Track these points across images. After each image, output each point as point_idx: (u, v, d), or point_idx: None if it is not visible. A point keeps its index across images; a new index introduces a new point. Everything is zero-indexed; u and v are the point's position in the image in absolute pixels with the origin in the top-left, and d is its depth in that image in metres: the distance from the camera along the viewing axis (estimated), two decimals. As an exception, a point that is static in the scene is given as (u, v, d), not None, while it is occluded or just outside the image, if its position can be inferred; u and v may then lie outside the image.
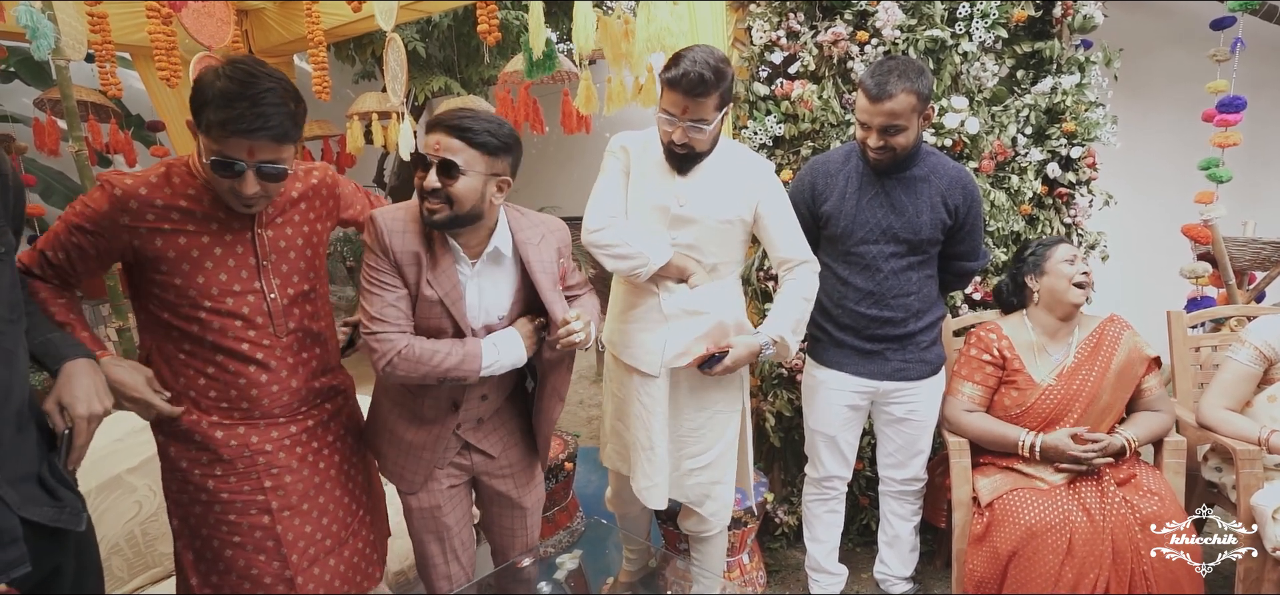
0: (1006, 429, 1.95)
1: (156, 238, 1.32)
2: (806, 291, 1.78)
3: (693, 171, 1.75)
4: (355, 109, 4.02)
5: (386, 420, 1.60)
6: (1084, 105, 2.39)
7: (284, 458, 1.45)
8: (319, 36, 2.89)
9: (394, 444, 1.59)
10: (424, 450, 1.58)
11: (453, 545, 1.67)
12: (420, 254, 1.43)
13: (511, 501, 1.71)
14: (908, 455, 2.05)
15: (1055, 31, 2.42)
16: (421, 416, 1.56)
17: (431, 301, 1.44)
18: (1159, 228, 3.19)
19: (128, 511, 1.86)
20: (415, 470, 1.59)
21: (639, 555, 2.29)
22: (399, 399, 1.57)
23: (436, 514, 1.63)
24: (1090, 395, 1.91)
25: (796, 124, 2.44)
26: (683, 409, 1.86)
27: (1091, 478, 1.86)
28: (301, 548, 1.46)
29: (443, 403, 1.55)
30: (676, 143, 1.68)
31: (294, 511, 1.45)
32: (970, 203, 1.91)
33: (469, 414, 1.59)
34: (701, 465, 1.88)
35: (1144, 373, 1.94)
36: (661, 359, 1.78)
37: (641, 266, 1.74)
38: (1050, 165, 2.41)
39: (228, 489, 1.41)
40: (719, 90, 1.63)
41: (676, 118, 1.65)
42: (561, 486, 2.62)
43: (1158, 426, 1.93)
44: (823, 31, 2.41)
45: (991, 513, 1.88)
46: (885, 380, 1.96)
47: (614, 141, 1.83)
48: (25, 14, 2.18)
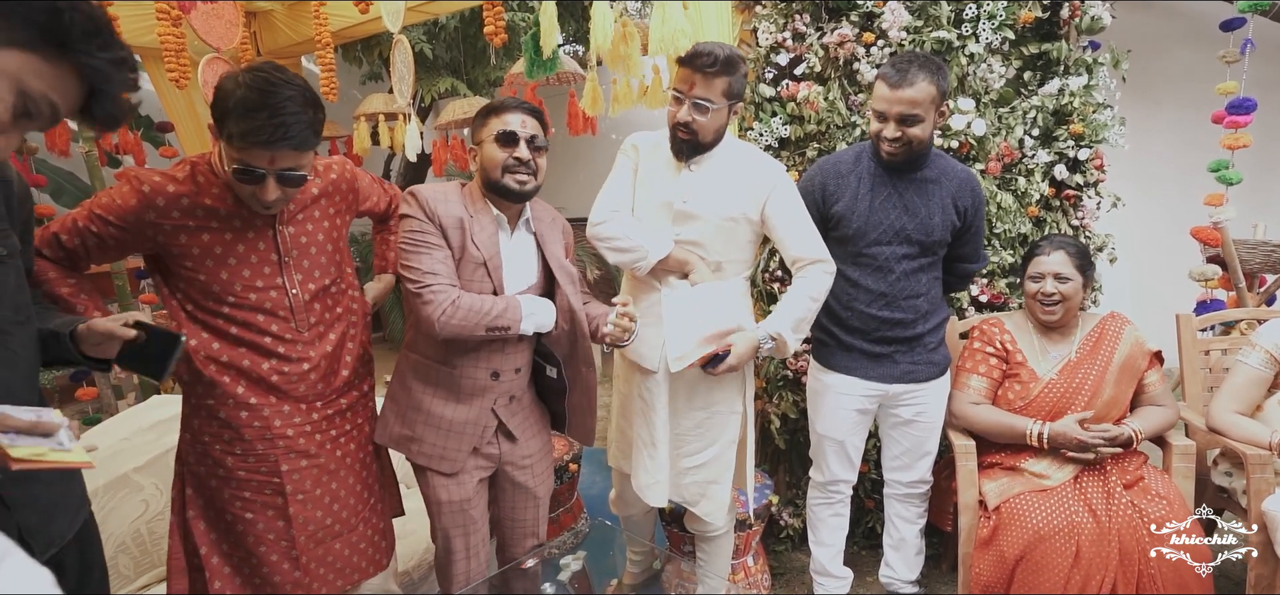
0: (1014, 419, 1.95)
1: (181, 234, 1.35)
2: (815, 291, 1.78)
3: (697, 167, 1.77)
4: (362, 110, 4.04)
5: (421, 402, 1.60)
6: (1092, 107, 2.38)
7: (303, 443, 1.49)
8: (326, 38, 2.91)
9: (432, 425, 1.60)
10: (466, 427, 1.60)
11: (474, 543, 1.68)
12: (464, 219, 1.53)
13: (529, 491, 1.73)
14: (914, 458, 2.04)
15: (1063, 33, 2.41)
16: (460, 391, 1.59)
17: (476, 262, 1.54)
18: (1168, 230, 3.18)
19: (134, 510, 1.87)
20: (458, 448, 1.61)
21: (643, 557, 2.29)
22: (436, 378, 1.59)
23: (466, 507, 1.64)
24: (1093, 389, 1.92)
25: (802, 125, 2.44)
26: (683, 407, 1.86)
27: (1098, 480, 1.85)
28: (310, 531, 1.50)
29: (482, 373, 1.59)
30: (681, 122, 1.71)
31: (307, 496, 1.49)
32: (977, 205, 1.92)
33: (504, 388, 1.62)
34: (697, 464, 1.88)
35: (1146, 367, 1.95)
36: (660, 354, 1.79)
37: (640, 259, 1.77)
38: (1057, 167, 2.39)
39: (245, 468, 1.45)
40: (728, 76, 1.67)
41: (684, 94, 1.69)
42: (566, 487, 2.62)
43: (1161, 420, 1.93)
44: (829, 33, 2.41)
45: (998, 516, 1.87)
46: (894, 383, 1.95)
47: (627, 140, 1.89)
48: (36, 16, 2.21)
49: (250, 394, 1.44)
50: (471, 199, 1.57)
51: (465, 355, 1.57)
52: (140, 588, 1.87)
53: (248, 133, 1.23)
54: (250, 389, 1.44)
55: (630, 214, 1.84)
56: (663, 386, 1.82)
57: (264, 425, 1.45)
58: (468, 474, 1.63)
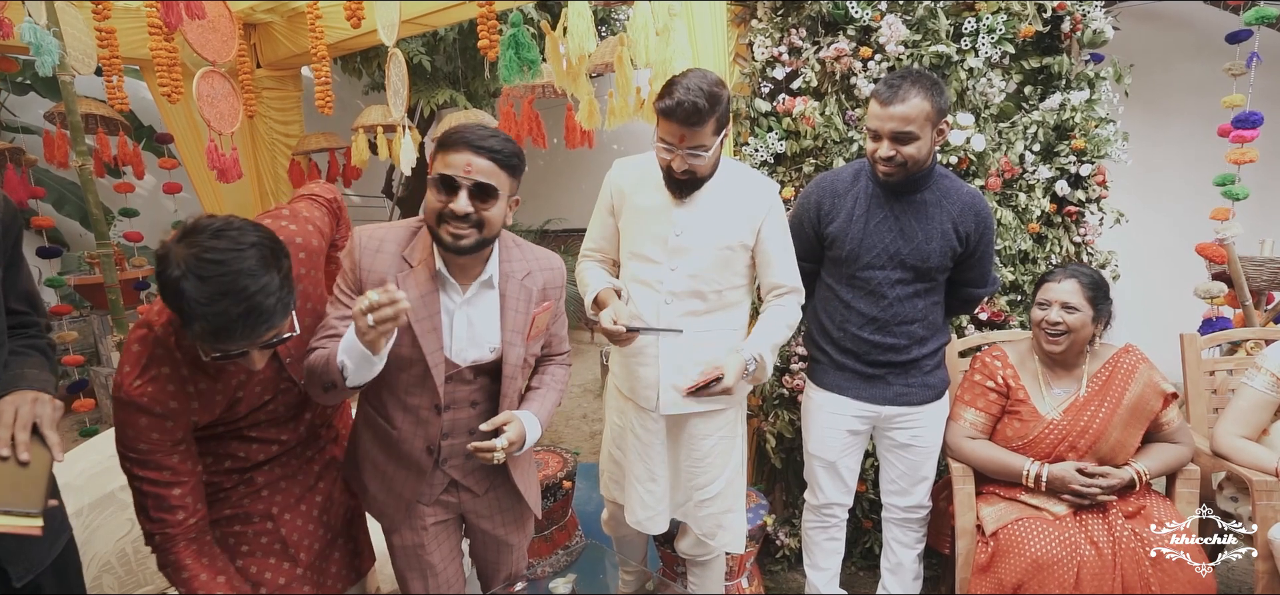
0: (1010, 458, 1.89)
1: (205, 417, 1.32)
2: (790, 319, 1.75)
3: (691, 199, 1.71)
4: (360, 122, 4.03)
5: (368, 452, 1.52)
6: (1094, 121, 2.34)
7: (278, 472, 1.49)
8: (322, 51, 2.90)
9: (376, 477, 1.51)
10: (407, 486, 1.48)
11: (438, 584, 1.58)
12: (393, 278, 1.34)
13: (499, 540, 1.63)
14: (911, 482, 1.99)
15: (1064, 46, 2.38)
16: (401, 454, 1.46)
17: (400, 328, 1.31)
18: (1173, 246, 3.13)
19: (120, 529, 1.85)
20: (396, 507, 1.51)
21: (635, 578, 2.25)
22: (380, 434, 1.48)
23: (419, 552, 1.54)
24: (1098, 433, 1.84)
25: (798, 141, 2.41)
26: (682, 441, 1.83)
27: (1098, 510, 1.80)
28: (307, 545, 1.49)
29: (418, 445, 1.44)
30: (677, 170, 1.65)
31: (294, 512, 1.49)
32: (983, 229, 1.84)
33: (453, 451, 1.49)
34: (711, 495, 1.84)
35: (1160, 409, 1.85)
36: (656, 393, 1.77)
37: (586, 301, 1.78)
38: (1059, 183, 2.36)
39: (230, 505, 1.44)
40: (715, 114, 1.59)
41: (675, 146, 1.62)
42: (559, 505, 2.59)
43: (1174, 458, 1.85)
44: (825, 47, 2.38)
45: (996, 542, 1.83)
46: (886, 405, 1.91)
47: (609, 173, 1.85)
48: (29, 31, 2.21)
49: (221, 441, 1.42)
50: (419, 247, 1.38)
51: (404, 414, 1.42)
52: (123, 609, 1.85)
53: (219, 337, 1.10)
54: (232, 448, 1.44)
55: (614, 251, 1.87)
56: (660, 423, 1.80)
57: (235, 464, 1.44)
58: (418, 519, 1.52)
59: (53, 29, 2.37)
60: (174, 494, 1.27)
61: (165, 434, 1.24)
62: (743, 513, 1.92)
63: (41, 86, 4.67)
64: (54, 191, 4.71)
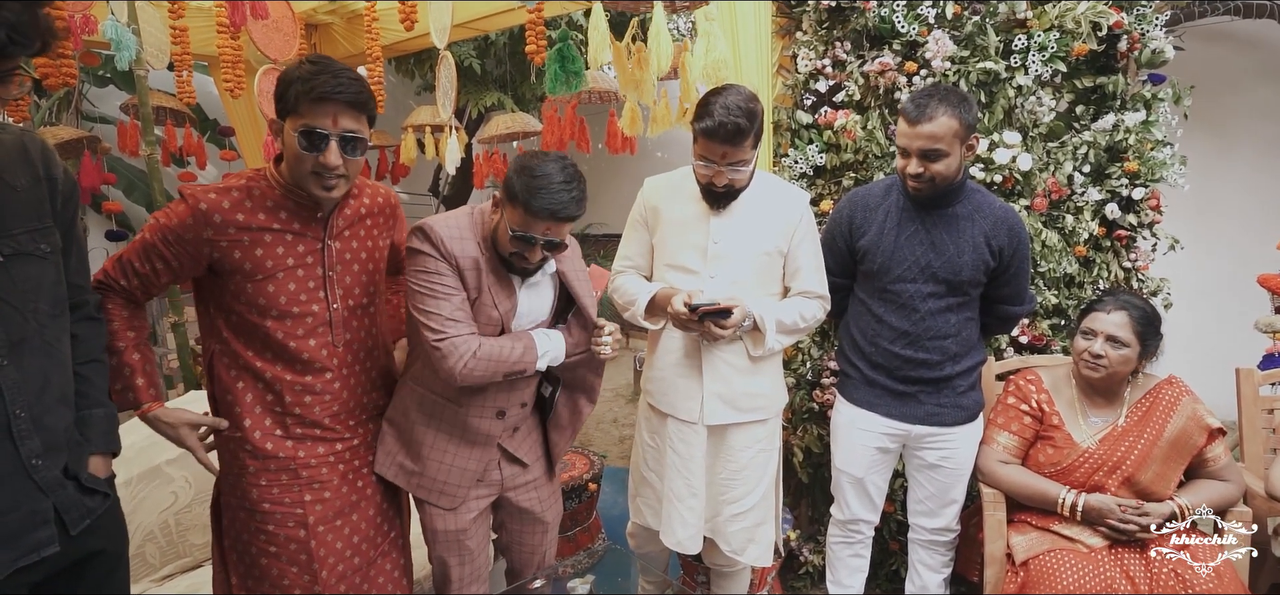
0: (1046, 485, 1.84)
1: (236, 250, 1.38)
2: (806, 312, 1.77)
3: (728, 208, 1.76)
4: (410, 121, 4.16)
5: (424, 437, 1.56)
6: (1149, 143, 2.25)
7: (326, 474, 1.49)
8: (376, 51, 3.01)
9: (435, 460, 1.56)
10: (470, 464, 1.58)
11: (469, 572, 1.65)
12: (479, 261, 1.47)
13: (535, 517, 1.71)
14: (940, 504, 1.95)
15: (1120, 66, 2.30)
16: (467, 431, 1.55)
17: (488, 308, 1.49)
18: (1231, 275, 2.97)
19: (164, 501, 1.94)
20: (459, 485, 1.58)
21: (656, 587, 2.25)
22: (440, 414, 1.55)
23: (462, 537, 1.61)
24: (1136, 464, 1.77)
25: (839, 154, 2.39)
26: (722, 453, 1.83)
27: (1136, 545, 1.73)
28: (331, 563, 1.48)
29: (489, 414, 1.56)
30: (718, 186, 1.70)
31: (329, 527, 1.48)
32: (1016, 244, 1.82)
33: (510, 423, 1.60)
34: (745, 509, 1.84)
35: (1204, 444, 1.77)
36: (698, 405, 1.78)
37: (633, 303, 1.80)
38: (1109, 205, 2.28)
39: (269, 499, 1.45)
40: (753, 130, 1.64)
41: (716, 163, 1.66)
42: (584, 507, 2.61)
43: (1220, 496, 1.77)
44: (870, 61, 2.36)
45: (1026, 572, 1.77)
46: (918, 424, 1.88)
47: (641, 192, 1.90)
48: (111, 28, 2.37)
49: (276, 426, 1.46)
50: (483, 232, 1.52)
51: (473, 395, 1.53)
52: (165, 576, 1.94)
53: (311, 87, 1.31)
54: (276, 422, 1.46)
55: (647, 266, 1.90)
56: (702, 436, 1.80)
57: (288, 456, 1.46)
58: (467, 506, 1.60)
59: (132, 26, 2.53)
60: (134, 272, 1.41)
61: (182, 238, 1.38)
62: (773, 525, 1.91)
63: (119, 80, 4.94)
64: (124, 178, 4.97)
